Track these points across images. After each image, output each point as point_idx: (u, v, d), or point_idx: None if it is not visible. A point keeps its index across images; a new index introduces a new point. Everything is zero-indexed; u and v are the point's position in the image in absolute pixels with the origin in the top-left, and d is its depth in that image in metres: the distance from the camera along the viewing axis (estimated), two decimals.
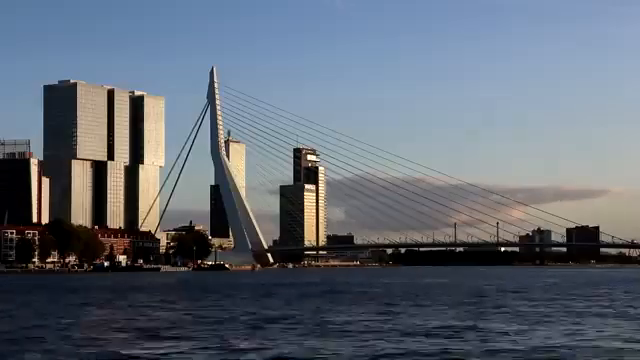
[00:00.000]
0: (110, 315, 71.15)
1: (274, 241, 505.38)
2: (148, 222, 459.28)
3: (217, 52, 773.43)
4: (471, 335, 49.82)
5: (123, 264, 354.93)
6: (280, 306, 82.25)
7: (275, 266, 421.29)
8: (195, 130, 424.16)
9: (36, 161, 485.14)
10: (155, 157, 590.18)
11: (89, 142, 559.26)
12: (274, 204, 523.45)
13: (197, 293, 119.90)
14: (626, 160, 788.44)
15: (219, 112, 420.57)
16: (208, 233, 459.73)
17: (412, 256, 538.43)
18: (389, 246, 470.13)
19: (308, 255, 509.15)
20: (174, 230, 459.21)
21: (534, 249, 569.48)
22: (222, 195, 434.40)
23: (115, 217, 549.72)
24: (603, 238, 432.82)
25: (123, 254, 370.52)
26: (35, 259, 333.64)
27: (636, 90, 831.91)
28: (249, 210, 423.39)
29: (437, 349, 42.78)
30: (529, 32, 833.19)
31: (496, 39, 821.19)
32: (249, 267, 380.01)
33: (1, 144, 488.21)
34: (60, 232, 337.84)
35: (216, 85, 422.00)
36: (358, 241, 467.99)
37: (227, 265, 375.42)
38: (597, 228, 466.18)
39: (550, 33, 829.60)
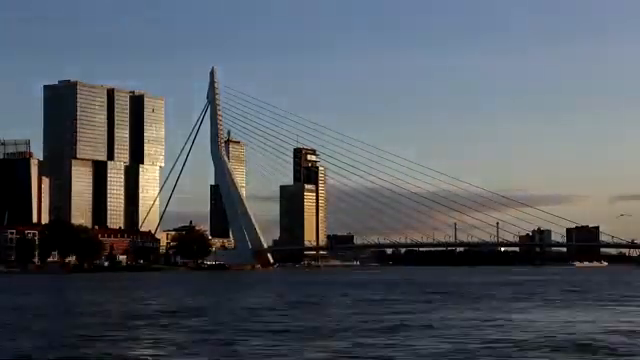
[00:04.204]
0: None
1: (274, 241, 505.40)
2: (148, 222, 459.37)
3: (217, 52, 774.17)
4: None
5: (123, 264, 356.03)
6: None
7: (275, 266, 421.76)
8: (195, 130, 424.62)
9: (36, 161, 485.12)
10: (155, 157, 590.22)
11: (89, 142, 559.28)
12: (274, 204, 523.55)
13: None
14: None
15: (219, 112, 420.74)
16: (208, 233, 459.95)
17: (412, 256, 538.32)
18: (389, 246, 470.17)
19: (308, 255, 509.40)
20: (174, 230, 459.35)
21: (534, 249, 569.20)
22: (222, 195, 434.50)
23: (115, 217, 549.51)
24: (603, 238, 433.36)
25: (123, 254, 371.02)
26: (35, 259, 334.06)
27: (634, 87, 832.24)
28: (249, 210, 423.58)
29: None
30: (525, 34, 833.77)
31: (496, 40, 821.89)
32: (249, 267, 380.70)
33: (1, 144, 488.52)
34: (60, 232, 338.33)
35: (216, 85, 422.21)
36: (358, 241, 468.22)
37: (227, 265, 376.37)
38: (597, 228, 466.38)
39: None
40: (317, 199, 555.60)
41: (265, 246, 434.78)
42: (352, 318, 66.15)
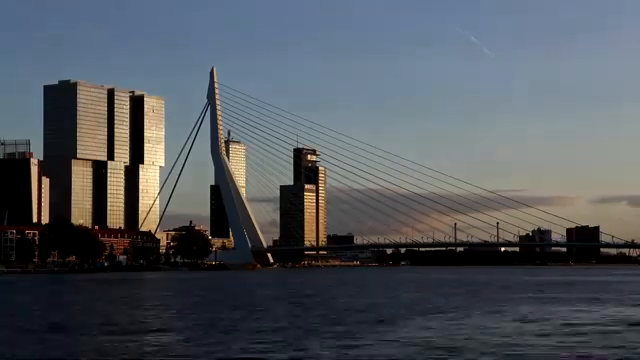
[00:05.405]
0: None
1: (274, 241, 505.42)
2: (148, 222, 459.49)
3: (217, 52, 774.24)
4: None
5: (123, 264, 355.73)
6: None
7: (275, 266, 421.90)
8: (195, 130, 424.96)
9: (36, 161, 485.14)
10: (155, 157, 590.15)
11: (89, 142, 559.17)
12: (274, 204, 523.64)
13: None
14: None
15: (219, 112, 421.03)
16: (208, 233, 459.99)
17: (412, 256, 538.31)
18: (389, 246, 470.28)
19: (308, 255, 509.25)
20: (174, 230, 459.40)
21: (534, 249, 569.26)
22: (222, 195, 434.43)
23: (115, 217, 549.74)
24: (603, 238, 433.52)
25: (123, 254, 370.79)
26: (35, 259, 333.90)
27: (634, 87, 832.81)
28: (249, 210, 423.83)
29: None
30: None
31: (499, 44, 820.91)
32: (249, 267, 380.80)
33: (1, 144, 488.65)
34: (60, 232, 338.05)
35: (216, 85, 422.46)
36: (358, 241, 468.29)
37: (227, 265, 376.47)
38: (597, 228, 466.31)
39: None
40: (317, 199, 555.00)
41: (265, 246, 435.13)
42: None
